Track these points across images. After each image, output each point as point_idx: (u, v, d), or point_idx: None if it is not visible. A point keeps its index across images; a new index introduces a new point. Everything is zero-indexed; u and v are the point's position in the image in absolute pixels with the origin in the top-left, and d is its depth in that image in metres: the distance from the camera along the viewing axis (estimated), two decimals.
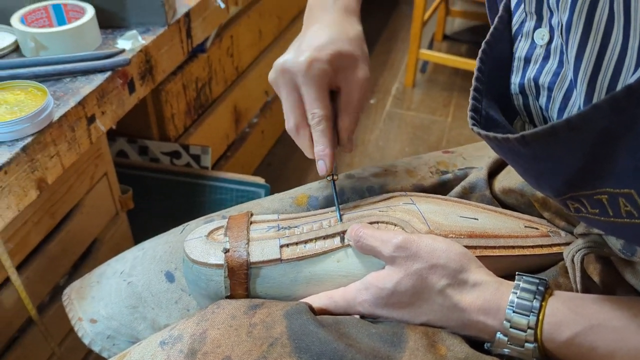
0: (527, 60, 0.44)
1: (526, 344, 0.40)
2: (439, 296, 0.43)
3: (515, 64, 0.45)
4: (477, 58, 0.43)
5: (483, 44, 0.43)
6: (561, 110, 0.41)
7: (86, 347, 0.59)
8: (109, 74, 0.72)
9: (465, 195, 0.56)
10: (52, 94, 0.67)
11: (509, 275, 0.45)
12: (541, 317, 0.40)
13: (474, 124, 0.40)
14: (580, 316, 0.40)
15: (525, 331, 0.40)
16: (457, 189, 0.57)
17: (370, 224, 0.49)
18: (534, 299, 0.41)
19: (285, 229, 0.51)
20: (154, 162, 1.09)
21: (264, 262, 0.48)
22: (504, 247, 0.48)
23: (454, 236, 0.47)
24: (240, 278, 0.48)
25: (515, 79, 0.45)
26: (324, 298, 0.48)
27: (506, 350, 0.42)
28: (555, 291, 0.43)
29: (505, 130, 0.43)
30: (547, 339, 0.40)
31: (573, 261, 0.44)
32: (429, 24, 1.98)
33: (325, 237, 0.49)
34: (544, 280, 0.42)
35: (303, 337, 0.43)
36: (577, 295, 0.42)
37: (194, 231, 0.53)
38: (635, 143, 0.31)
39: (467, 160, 0.62)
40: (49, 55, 0.72)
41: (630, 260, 0.43)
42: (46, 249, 0.80)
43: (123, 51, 0.76)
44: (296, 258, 0.48)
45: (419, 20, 1.79)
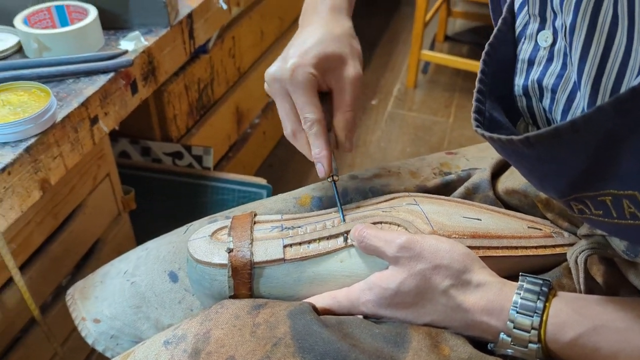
0: (530, 62, 0.44)
1: (530, 345, 0.41)
2: (443, 296, 0.43)
3: (518, 65, 0.45)
4: (481, 60, 0.43)
5: (486, 46, 0.43)
6: (565, 112, 0.41)
7: (89, 347, 0.59)
8: (111, 75, 0.72)
9: (468, 196, 0.56)
10: (55, 95, 0.68)
11: (512, 276, 0.45)
12: (545, 317, 0.40)
13: (477, 126, 0.40)
14: (584, 317, 0.40)
15: (528, 332, 0.40)
16: (461, 189, 0.57)
17: (374, 224, 0.49)
18: (538, 299, 0.41)
19: (289, 229, 0.51)
20: (156, 162, 1.09)
21: (267, 262, 0.48)
22: (507, 248, 0.48)
23: (457, 237, 0.47)
24: (244, 278, 0.48)
25: (519, 81, 0.45)
26: (328, 298, 0.48)
27: (510, 351, 0.42)
28: (559, 292, 0.43)
29: (509, 132, 0.43)
30: (550, 339, 0.40)
31: (577, 262, 0.44)
32: (430, 24, 1.98)
33: (328, 237, 0.50)
34: (548, 281, 0.42)
35: (307, 337, 0.43)
36: (581, 296, 0.43)
37: (197, 231, 0.53)
38: (639, 145, 0.32)
39: (470, 161, 0.62)
40: (52, 56, 0.73)
41: (633, 261, 0.43)
42: (49, 249, 0.80)
43: (126, 52, 0.76)
44: (299, 258, 0.48)
45: (420, 21, 1.79)
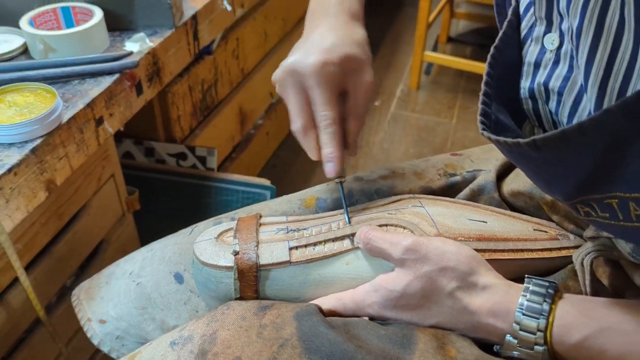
0: (536, 65, 0.44)
1: (536, 347, 0.41)
2: (449, 299, 0.43)
3: (524, 68, 0.45)
4: (487, 63, 0.43)
5: (492, 49, 0.43)
6: (571, 114, 0.41)
7: (93, 347, 0.59)
8: (117, 76, 0.73)
9: (473, 198, 0.57)
10: (61, 96, 0.68)
11: (518, 278, 0.45)
12: (551, 319, 0.41)
13: (484, 129, 0.40)
14: (590, 319, 0.40)
15: (534, 334, 0.40)
16: (466, 191, 0.57)
17: (379, 226, 0.49)
18: (544, 301, 0.41)
19: (294, 231, 0.51)
20: (160, 163, 1.09)
21: (273, 264, 0.48)
22: (512, 251, 0.48)
23: (462, 239, 0.47)
24: (250, 280, 0.48)
25: (525, 84, 0.45)
26: (333, 300, 0.48)
27: (515, 353, 0.42)
28: (565, 294, 0.43)
29: (515, 135, 0.43)
30: (556, 341, 0.40)
31: (583, 264, 0.44)
32: (433, 26, 1.98)
33: (334, 239, 0.50)
34: (554, 283, 0.42)
35: (313, 338, 0.43)
36: (587, 298, 0.43)
37: (203, 233, 0.53)
38: None
39: (475, 162, 0.62)
40: (58, 57, 0.73)
41: (639, 263, 0.43)
42: (54, 249, 0.80)
43: (131, 53, 0.77)
44: (305, 260, 0.49)
45: (423, 23, 1.79)
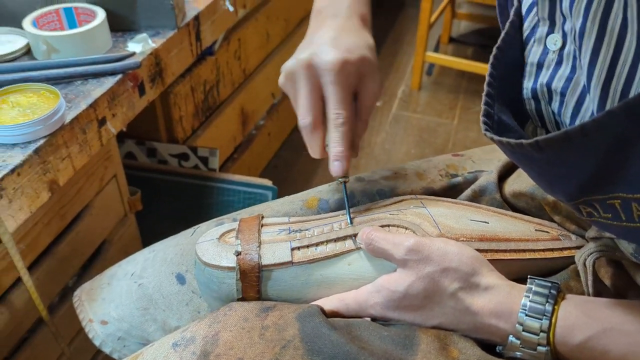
0: (539, 66, 0.44)
1: (539, 347, 0.41)
2: (451, 299, 0.43)
3: (527, 69, 0.45)
4: (489, 63, 0.43)
5: (494, 49, 0.43)
6: (574, 115, 0.41)
7: (95, 348, 0.59)
8: (119, 76, 0.73)
9: (475, 199, 0.57)
10: (64, 96, 0.68)
11: (520, 279, 0.45)
12: (554, 320, 0.41)
13: (486, 129, 0.40)
14: (593, 320, 0.40)
15: (537, 334, 0.40)
16: (467, 192, 0.57)
17: (381, 227, 0.49)
18: (547, 302, 0.41)
19: (296, 231, 0.51)
20: (162, 164, 1.10)
21: (275, 264, 0.49)
22: (514, 251, 0.48)
23: (465, 239, 0.48)
24: (252, 281, 0.48)
25: (528, 84, 0.45)
26: (336, 301, 0.48)
27: (518, 354, 0.42)
28: (568, 295, 0.43)
29: (518, 135, 0.43)
30: (559, 342, 0.40)
31: (585, 265, 0.44)
32: (435, 26, 1.98)
33: (336, 239, 0.50)
34: (556, 283, 0.42)
35: (315, 340, 0.43)
36: (590, 299, 0.43)
37: (205, 234, 0.53)
38: None
39: (477, 163, 0.62)
40: (61, 58, 0.73)
41: None
42: (56, 250, 0.80)
43: (133, 54, 0.77)
44: (307, 261, 0.49)
45: (425, 23, 1.79)
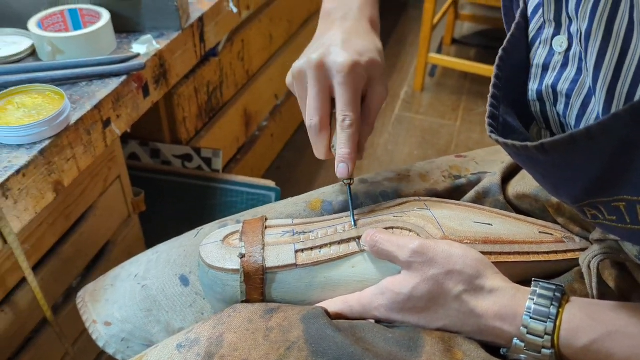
0: (545, 67, 0.44)
1: (543, 350, 0.41)
2: (456, 302, 0.43)
3: (533, 70, 0.45)
4: (495, 65, 0.43)
5: (500, 51, 0.43)
6: (579, 117, 0.41)
7: (98, 348, 0.59)
8: (124, 78, 0.73)
9: (478, 201, 0.56)
10: (69, 97, 0.68)
11: (524, 281, 0.45)
12: (558, 323, 0.40)
13: (492, 131, 0.40)
14: (597, 323, 0.40)
15: (542, 337, 0.40)
16: (471, 194, 0.57)
17: (385, 229, 0.49)
18: (551, 305, 0.41)
19: (300, 234, 0.51)
20: (165, 165, 1.10)
21: (279, 267, 0.49)
22: (518, 253, 0.48)
23: (469, 242, 0.47)
24: (256, 283, 0.49)
25: (533, 86, 0.45)
26: (340, 303, 0.48)
27: (523, 356, 0.42)
28: (572, 297, 0.43)
29: (522, 137, 0.43)
30: (564, 345, 0.40)
31: (589, 267, 0.44)
32: (438, 28, 1.98)
33: (340, 242, 0.50)
34: (561, 286, 0.42)
35: (320, 341, 0.43)
36: (594, 302, 0.43)
37: (209, 236, 0.53)
38: None
39: (480, 164, 0.62)
40: (66, 59, 0.73)
41: None
42: (60, 250, 0.80)
43: (138, 55, 0.77)
44: (311, 263, 0.49)
45: (428, 24, 1.79)
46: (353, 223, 0.51)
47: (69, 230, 0.82)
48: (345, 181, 0.53)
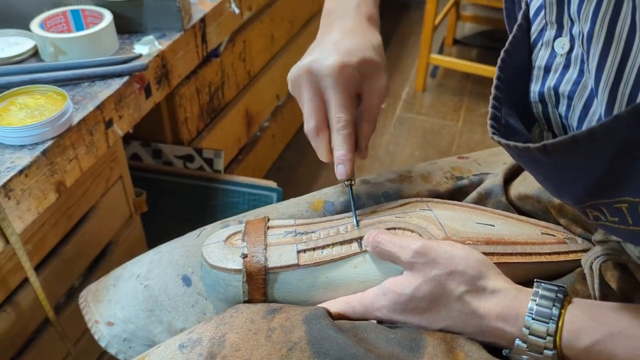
0: (547, 69, 0.44)
1: (545, 351, 0.41)
2: (458, 302, 0.43)
3: (534, 72, 0.45)
4: (497, 67, 0.43)
5: (502, 53, 0.43)
6: (581, 119, 0.41)
7: (100, 348, 0.59)
8: (126, 78, 0.73)
9: (480, 201, 0.57)
10: (71, 98, 0.68)
11: (526, 282, 0.45)
12: (560, 324, 0.41)
13: (494, 133, 0.40)
14: (599, 324, 0.40)
15: (544, 338, 0.40)
16: (473, 194, 0.57)
17: (387, 229, 0.50)
18: (553, 306, 0.41)
19: (302, 234, 0.51)
20: (167, 165, 1.10)
21: (281, 267, 0.49)
22: (521, 254, 0.48)
23: (471, 243, 0.48)
24: (258, 283, 0.49)
25: (535, 88, 0.45)
26: (342, 303, 0.48)
27: (525, 357, 0.42)
28: (574, 299, 0.43)
29: (524, 139, 0.43)
30: (566, 346, 0.40)
31: (592, 268, 0.44)
32: (439, 28, 1.98)
33: (342, 242, 0.50)
34: (563, 287, 0.42)
35: (322, 342, 0.43)
36: (596, 303, 0.43)
37: (211, 236, 0.53)
38: None
39: (482, 165, 0.62)
40: (68, 60, 0.74)
41: None
42: (62, 250, 0.80)
43: (140, 56, 0.77)
44: (313, 264, 0.49)
45: (429, 25, 1.79)
46: (355, 224, 0.51)
47: (70, 230, 0.82)
48: (346, 182, 0.53)
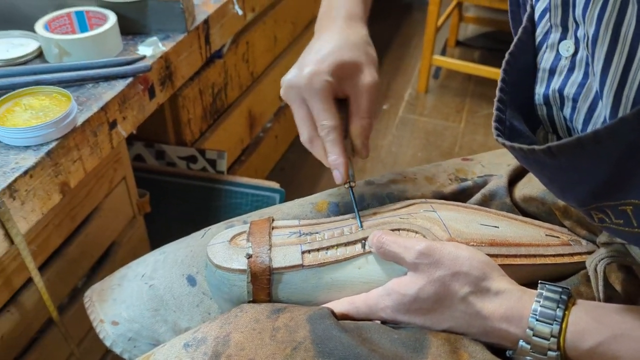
0: (551, 72, 0.44)
1: (549, 352, 0.41)
2: (462, 303, 0.44)
3: (539, 75, 0.45)
4: (501, 69, 0.43)
5: (507, 55, 0.43)
6: (586, 121, 0.41)
7: (104, 348, 0.60)
8: (130, 80, 0.73)
9: (485, 203, 0.57)
10: (76, 99, 0.69)
11: (530, 284, 0.45)
12: (564, 325, 0.41)
13: (498, 135, 0.40)
14: (603, 325, 0.40)
15: (548, 339, 0.41)
16: (477, 196, 0.57)
17: (391, 230, 0.50)
18: (557, 307, 0.41)
19: (307, 235, 0.51)
20: (170, 166, 1.10)
21: (286, 268, 0.49)
22: (525, 256, 0.48)
23: (475, 244, 0.48)
24: (263, 283, 0.49)
25: (540, 90, 0.45)
26: (346, 303, 0.48)
27: (528, 358, 0.42)
28: (578, 300, 0.43)
29: (529, 141, 0.43)
30: (570, 347, 0.41)
31: (596, 270, 0.44)
32: (442, 30, 1.98)
33: (346, 243, 0.50)
34: (567, 289, 0.42)
35: (326, 342, 0.43)
36: (600, 305, 0.43)
37: (216, 236, 0.53)
38: None
39: (486, 167, 0.62)
40: (72, 61, 0.74)
41: None
42: (66, 251, 0.81)
43: (144, 57, 0.77)
44: (317, 264, 0.49)
45: (432, 26, 1.80)
46: (359, 225, 0.51)
47: (74, 231, 0.82)
48: (345, 185, 0.53)
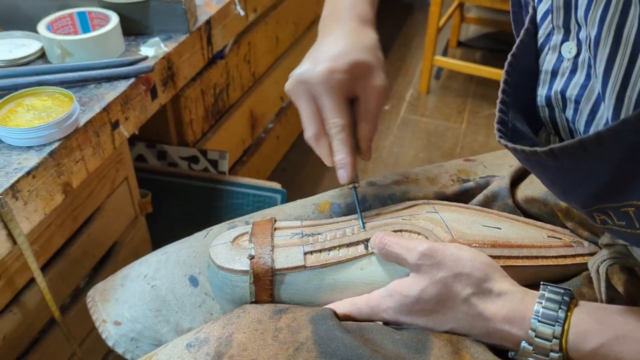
0: (554, 73, 0.44)
1: (551, 354, 0.41)
2: (464, 304, 0.44)
3: (541, 76, 0.45)
4: (504, 70, 0.43)
5: (509, 57, 0.44)
6: (588, 123, 0.41)
7: (106, 348, 0.60)
8: (132, 80, 0.73)
9: (487, 204, 0.57)
10: (78, 100, 0.69)
11: (532, 285, 0.45)
12: (566, 327, 0.41)
13: (501, 136, 0.40)
14: (605, 327, 0.40)
15: (550, 341, 0.41)
16: (479, 197, 0.57)
17: (394, 232, 0.50)
18: (560, 309, 0.41)
19: (309, 235, 0.51)
20: (172, 166, 1.10)
21: (288, 268, 0.49)
22: (527, 257, 0.48)
23: (477, 245, 0.48)
24: (265, 284, 0.49)
25: (542, 92, 0.45)
26: (348, 304, 0.48)
27: (531, 359, 0.42)
28: (580, 301, 0.43)
29: (531, 142, 0.43)
30: (572, 348, 0.41)
31: (598, 272, 0.44)
32: (443, 30, 1.99)
33: (348, 244, 0.50)
34: (569, 290, 0.42)
35: (329, 342, 0.43)
36: (602, 306, 0.43)
37: (218, 237, 0.54)
38: None
39: (488, 168, 0.62)
40: (75, 61, 0.74)
41: None
42: (68, 251, 0.81)
43: (146, 58, 0.77)
44: (320, 265, 0.49)
45: (433, 27, 1.80)
46: (362, 226, 0.51)
47: (76, 231, 0.82)
48: (349, 185, 0.53)
